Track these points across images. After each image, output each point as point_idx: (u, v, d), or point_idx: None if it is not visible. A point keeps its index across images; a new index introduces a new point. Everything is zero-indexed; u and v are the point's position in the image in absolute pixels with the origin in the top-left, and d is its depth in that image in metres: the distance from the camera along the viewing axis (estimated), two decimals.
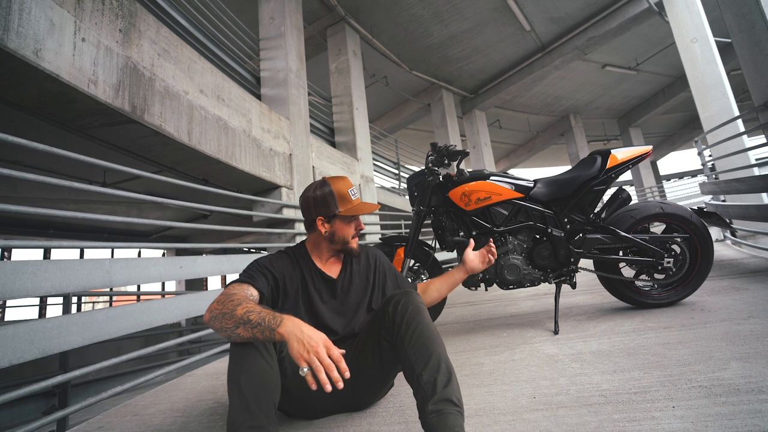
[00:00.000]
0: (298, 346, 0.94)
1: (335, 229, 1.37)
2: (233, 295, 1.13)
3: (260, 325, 1.01)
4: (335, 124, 7.87)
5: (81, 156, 2.27)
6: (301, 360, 0.92)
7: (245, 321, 1.02)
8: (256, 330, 1.01)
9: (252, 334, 1.02)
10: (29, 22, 2.35)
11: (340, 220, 1.36)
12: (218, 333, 1.08)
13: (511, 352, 1.78)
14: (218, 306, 1.09)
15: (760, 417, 0.99)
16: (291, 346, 0.95)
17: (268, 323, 1.00)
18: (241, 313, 1.04)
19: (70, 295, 4.12)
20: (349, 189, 1.35)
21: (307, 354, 0.93)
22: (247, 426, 0.96)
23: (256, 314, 1.03)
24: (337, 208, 1.35)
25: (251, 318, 1.02)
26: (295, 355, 0.93)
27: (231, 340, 1.08)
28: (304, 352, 0.93)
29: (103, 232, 8.93)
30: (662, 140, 19.19)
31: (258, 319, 1.02)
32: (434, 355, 1.07)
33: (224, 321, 1.06)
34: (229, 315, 1.05)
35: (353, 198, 1.34)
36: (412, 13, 8.53)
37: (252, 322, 1.02)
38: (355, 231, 1.38)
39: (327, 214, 1.36)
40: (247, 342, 1.06)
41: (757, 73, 3.20)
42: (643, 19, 9.41)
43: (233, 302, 1.08)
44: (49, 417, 1.97)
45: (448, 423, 0.95)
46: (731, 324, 1.66)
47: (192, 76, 3.82)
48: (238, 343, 1.08)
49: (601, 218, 2.13)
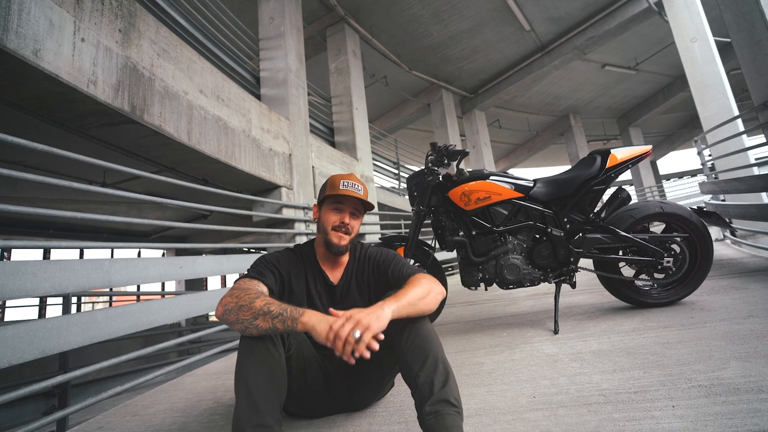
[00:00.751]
0: (325, 327, 0.99)
1: (321, 215, 1.38)
2: (248, 289, 1.14)
3: (281, 315, 1.02)
4: (335, 124, 7.87)
5: (80, 156, 2.27)
6: (331, 339, 0.96)
7: (265, 312, 1.04)
8: (277, 320, 1.02)
9: (272, 325, 1.03)
10: (28, 22, 2.35)
11: (326, 206, 1.37)
12: (231, 326, 1.08)
13: (511, 351, 1.78)
14: (232, 300, 1.09)
15: (759, 416, 0.99)
16: (318, 331, 0.99)
17: (290, 313, 1.03)
18: (261, 305, 1.05)
19: (69, 296, 4.12)
20: (343, 179, 1.34)
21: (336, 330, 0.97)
22: (254, 424, 0.96)
23: (277, 306, 1.05)
24: (325, 192, 1.36)
25: (272, 309, 1.04)
26: (323, 336, 0.97)
27: (245, 333, 1.07)
28: (332, 332, 0.97)
29: (103, 233, 8.92)
30: (662, 140, 19.19)
31: (280, 310, 1.04)
32: (431, 355, 1.07)
33: (241, 313, 1.06)
34: (247, 307, 1.06)
35: (342, 187, 1.33)
36: (411, 13, 8.53)
37: (272, 313, 1.03)
38: (339, 222, 1.34)
39: (319, 200, 1.41)
40: (258, 338, 1.07)
41: (756, 72, 3.20)
42: (642, 19, 9.41)
43: (250, 295, 1.09)
44: (49, 417, 1.97)
45: (445, 424, 0.95)
46: (731, 323, 1.66)
47: (191, 76, 3.81)
48: (248, 339, 1.08)
49: (600, 218, 2.13)
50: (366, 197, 1.35)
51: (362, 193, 1.34)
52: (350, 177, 1.36)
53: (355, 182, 1.35)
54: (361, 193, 1.33)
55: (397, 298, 1.10)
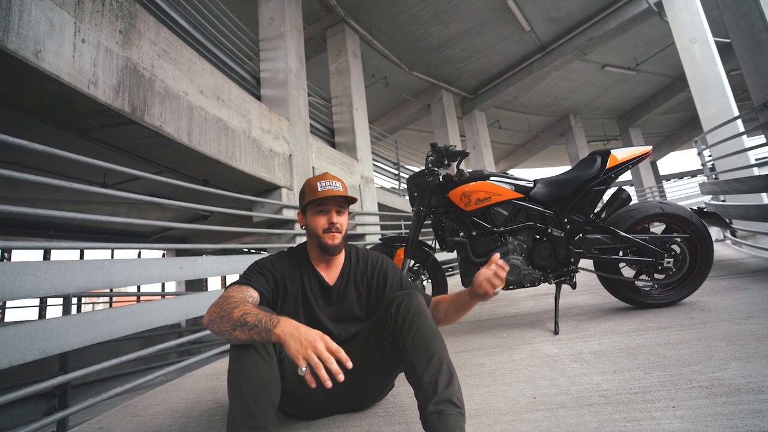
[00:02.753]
0: (295, 344, 0.94)
1: (308, 221, 1.38)
2: (231, 297, 1.13)
3: (257, 326, 1.01)
4: (335, 125, 7.87)
5: (81, 157, 2.27)
6: (299, 358, 0.92)
7: (242, 323, 1.03)
8: (253, 332, 1.01)
9: (249, 336, 1.02)
10: (29, 24, 2.36)
11: (310, 211, 1.36)
12: (218, 336, 1.09)
13: (512, 352, 1.78)
14: (216, 309, 1.09)
15: (760, 417, 0.99)
16: (288, 345, 0.95)
17: (264, 325, 1.00)
18: (238, 316, 1.04)
19: (70, 296, 4.12)
20: (319, 181, 1.33)
21: (305, 351, 0.93)
22: (248, 427, 0.96)
23: (253, 316, 1.03)
24: (305, 199, 1.36)
25: (248, 320, 1.03)
26: (293, 354, 0.93)
27: (230, 343, 1.08)
28: (302, 350, 0.93)
29: (103, 233, 8.92)
30: (662, 140, 19.18)
31: (254, 321, 1.02)
32: (436, 355, 1.07)
33: (222, 324, 1.06)
34: (227, 318, 1.05)
35: (320, 189, 1.32)
36: (411, 13, 8.53)
37: (248, 324, 1.02)
38: (328, 224, 1.33)
39: (301, 206, 1.40)
40: (246, 344, 1.06)
41: (756, 73, 3.20)
42: (642, 20, 9.42)
43: (230, 305, 1.08)
44: (50, 418, 1.97)
45: (448, 424, 0.95)
46: (731, 324, 1.66)
47: (192, 77, 3.82)
48: (237, 345, 1.08)
49: (601, 218, 2.13)
50: (346, 192, 1.35)
51: (341, 189, 1.34)
52: (325, 177, 1.36)
53: (332, 180, 1.35)
54: (341, 189, 1.34)
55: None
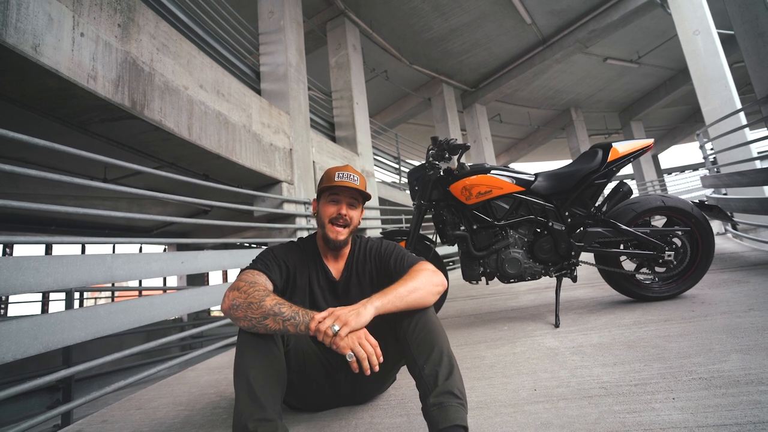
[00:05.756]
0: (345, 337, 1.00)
1: (319, 208, 1.37)
2: (255, 284, 1.13)
3: (293, 318, 1.03)
4: (335, 119, 7.84)
5: (82, 152, 2.27)
6: (347, 348, 0.99)
7: (275, 313, 1.03)
8: (289, 323, 1.03)
9: (283, 327, 1.03)
10: (27, 17, 2.34)
11: (323, 199, 1.36)
12: (236, 321, 1.07)
13: (512, 345, 1.79)
14: (241, 295, 1.08)
15: (759, 408, 0.99)
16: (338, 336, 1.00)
17: (302, 317, 1.03)
18: (271, 305, 1.05)
19: (72, 291, 4.14)
20: (338, 171, 1.33)
21: (352, 342, 0.99)
22: (255, 418, 0.97)
23: (288, 307, 1.05)
24: (321, 186, 1.36)
25: (283, 311, 1.04)
26: (341, 345, 0.99)
27: (251, 330, 1.07)
28: (350, 342, 0.99)
29: (105, 228, 8.94)
30: (664, 133, 19.09)
31: (291, 312, 1.04)
32: (437, 347, 1.07)
33: (249, 311, 1.05)
34: (257, 305, 1.05)
35: (337, 179, 1.31)
36: (412, 6, 8.46)
37: (284, 315, 1.03)
38: (336, 214, 1.32)
39: (317, 193, 1.40)
40: (258, 333, 1.07)
41: (759, 65, 3.18)
42: (645, 12, 9.33)
43: (259, 292, 1.08)
44: (54, 411, 1.99)
45: (449, 415, 0.95)
46: (732, 316, 1.67)
47: (191, 71, 3.80)
48: (247, 334, 1.08)
49: (602, 212, 2.12)
50: (363, 187, 1.34)
51: (358, 183, 1.32)
52: (346, 168, 1.35)
53: (351, 173, 1.33)
54: (357, 183, 1.32)
55: (384, 293, 1.10)
